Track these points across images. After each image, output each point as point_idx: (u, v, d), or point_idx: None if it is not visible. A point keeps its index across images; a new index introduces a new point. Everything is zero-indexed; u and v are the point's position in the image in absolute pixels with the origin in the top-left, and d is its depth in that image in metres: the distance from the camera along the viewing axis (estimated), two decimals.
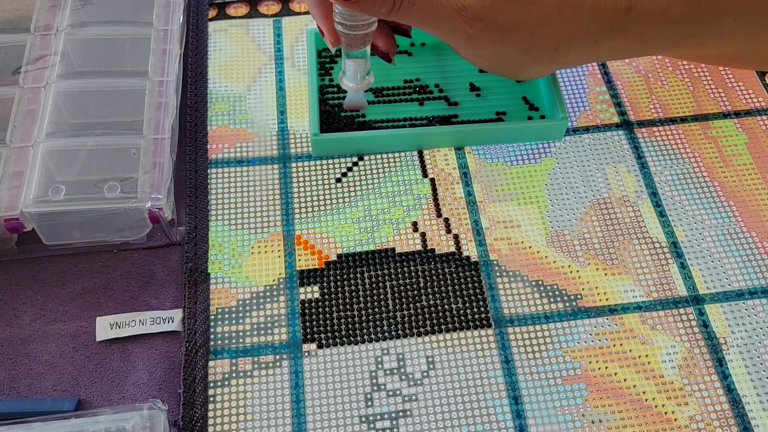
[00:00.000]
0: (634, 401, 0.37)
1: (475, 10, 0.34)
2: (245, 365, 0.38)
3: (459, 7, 0.34)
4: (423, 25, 0.36)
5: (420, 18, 0.35)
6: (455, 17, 0.35)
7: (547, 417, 0.36)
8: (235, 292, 0.41)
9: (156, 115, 0.44)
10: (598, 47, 0.37)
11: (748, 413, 0.36)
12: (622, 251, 0.42)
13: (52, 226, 0.40)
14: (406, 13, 0.35)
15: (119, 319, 0.39)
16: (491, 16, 0.34)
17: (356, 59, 0.40)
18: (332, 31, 0.39)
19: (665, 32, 0.36)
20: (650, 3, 0.35)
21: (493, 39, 0.35)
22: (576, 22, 0.35)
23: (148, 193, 0.40)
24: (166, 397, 0.37)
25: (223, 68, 0.50)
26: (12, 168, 0.41)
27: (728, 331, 0.39)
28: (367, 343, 0.39)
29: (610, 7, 0.35)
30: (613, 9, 0.35)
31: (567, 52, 0.37)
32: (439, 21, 0.35)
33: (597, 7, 0.35)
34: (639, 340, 0.39)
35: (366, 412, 0.37)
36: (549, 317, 0.40)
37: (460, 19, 0.35)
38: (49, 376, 0.38)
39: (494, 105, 0.48)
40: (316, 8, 0.39)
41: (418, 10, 0.35)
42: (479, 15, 0.34)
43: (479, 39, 0.35)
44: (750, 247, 0.42)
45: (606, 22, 0.35)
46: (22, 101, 0.43)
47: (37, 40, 0.47)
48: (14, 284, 0.41)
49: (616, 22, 0.35)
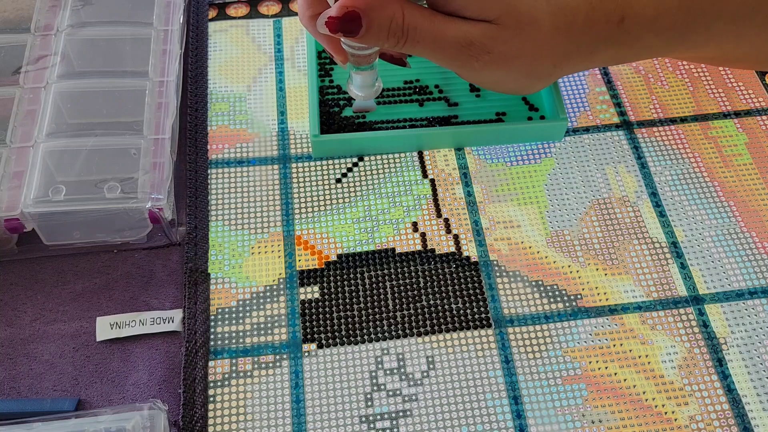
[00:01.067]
0: (634, 401, 0.37)
1: (482, 44, 0.34)
2: (245, 365, 0.38)
3: (465, 43, 0.34)
4: (429, 58, 0.36)
5: (425, 52, 0.35)
6: (462, 51, 0.34)
7: (547, 417, 0.36)
8: (235, 292, 0.41)
9: (156, 116, 0.44)
10: (592, 58, 0.37)
11: (748, 413, 0.36)
12: (622, 251, 0.42)
13: (53, 227, 0.40)
14: (412, 47, 0.35)
15: (119, 319, 0.39)
16: (498, 48, 0.34)
17: (364, 71, 0.40)
18: (340, 51, 0.39)
19: (657, 39, 0.36)
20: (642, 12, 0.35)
21: (498, 67, 0.36)
22: (571, 37, 0.35)
23: (149, 194, 0.40)
24: (166, 397, 0.37)
25: (223, 68, 0.50)
26: (12, 168, 0.41)
27: (728, 331, 0.39)
28: (367, 343, 0.39)
29: (602, 19, 0.35)
30: (605, 20, 0.35)
31: (564, 67, 0.37)
32: (444, 55, 0.35)
33: (590, 20, 0.35)
34: (639, 340, 0.39)
35: (366, 412, 0.37)
36: (549, 317, 0.40)
37: (466, 54, 0.35)
38: (49, 376, 0.38)
39: (494, 106, 0.48)
40: (320, 37, 0.39)
41: (423, 45, 0.35)
42: (486, 48, 0.34)
43: (486, 69, 0.36)
44: (750, 247, 0.42)
45: (599, 34, 0.36)
46: (23, 101, 0.43)
47: (37, 40, 0.47)
48: (14, 284, 0.41)
49: (609, 33, 0.35)
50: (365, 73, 0.39)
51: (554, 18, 0.35)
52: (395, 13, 0.33)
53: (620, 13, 0.35)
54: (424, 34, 0.34)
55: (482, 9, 0.34)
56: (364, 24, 0.33)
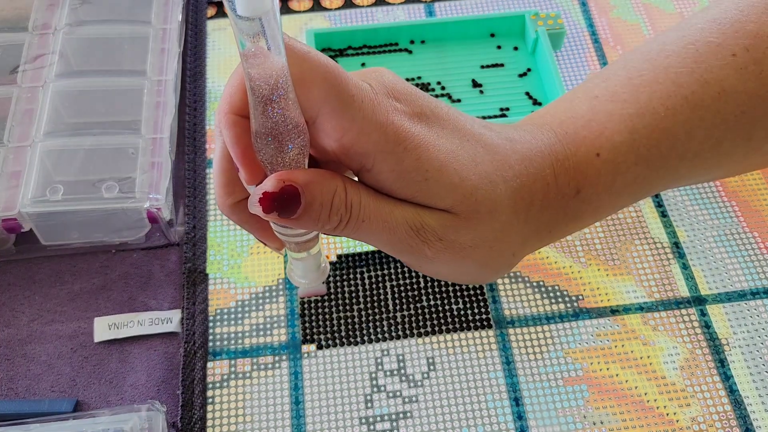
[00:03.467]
0: (636, 402, 0.37)
1: (435, 229, 0.30)
2: (244, 366, 0.38)
3: (417, 227, 0.29)
4: (375, 243, 0.31)
5: (371, 236, 0.30)
6: (412, 236, 0.30)
7: (548, 418, 0.36)
8: (234, 292, 0.40)
9: (154, 115, 0.43)
10: (551, 236, 0.33)
11: (750, 414, 0.36)
12: (623, 252, 0.42)
13: (50, 226, 0.40)
14: (355, 231, 0.29)
15: (117, 319, 0.39)
16: (452, 236, 0.30)
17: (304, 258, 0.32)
18: (273, 237, 0.31)
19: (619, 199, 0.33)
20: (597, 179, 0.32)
21: (452, 258, 0.31)
22: (529, 221, 0.31)
23: (147, 193, 0.40)
24: (164, 399, 0.37)
25: (222, 67, 0.50)
26: (10, 168, 0.40)
27: (730, 331, 0.39)
28: (367, 344, 0.39)
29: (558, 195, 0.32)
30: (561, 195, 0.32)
31: (522, 253, 0.33)
32: (393, 240, 0.30)
33: (546, 199, 0.31)
34: (641, 341, 0.38)
35: (366, 414, 0.36)
36: (550, 318, 0.39)
37: (417, 239, 0.30)
38: (47, 377, 0.38)
39: (497, 101, 0.48)
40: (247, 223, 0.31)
41: (369, 228, 0.29)
42: (439, 235, 0.30)
43: (438, 258, 0.31)
44: (752, 248, 0.42)
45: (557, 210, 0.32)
46: (20, 101, 0.43)
47: (35, 39, 0.46)
48: (12, 285, 0.41)
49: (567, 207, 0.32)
50: (307, 260, 0.32)
51: (513, 202, 0.31)
52: (338, 188, 0.28)
53: (575, 185, 0.31)
54: (370, 212, 0.29)
55: (430, 200, 0.29)
56: (303, 201, 0.27)
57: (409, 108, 0.29)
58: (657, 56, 0.32)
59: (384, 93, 0.28)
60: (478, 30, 0.50)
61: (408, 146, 0.28)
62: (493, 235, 0.31)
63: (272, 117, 0.25)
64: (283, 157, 0.26)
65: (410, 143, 0.28)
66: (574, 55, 0.51)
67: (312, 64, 0.26)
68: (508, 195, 0.30)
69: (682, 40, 0.32)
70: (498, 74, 0.49)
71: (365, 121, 0.27)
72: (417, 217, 0.29)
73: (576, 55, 0.51)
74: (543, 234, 0.33)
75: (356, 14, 0.53)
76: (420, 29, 0.50)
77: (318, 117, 0.27)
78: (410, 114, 0.29)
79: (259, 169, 0.27)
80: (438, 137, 0.29)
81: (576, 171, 0.31)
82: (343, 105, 0.27)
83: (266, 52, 0.24)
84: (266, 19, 0.23)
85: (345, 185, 0.28)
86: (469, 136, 0.30)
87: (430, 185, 0.29)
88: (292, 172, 0.27)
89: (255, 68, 0.24)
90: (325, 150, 0.28)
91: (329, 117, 0.27)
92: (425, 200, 0.29)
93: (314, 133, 0.28)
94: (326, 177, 0.28)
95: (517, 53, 0.50)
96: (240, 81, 0.27)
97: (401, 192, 0.29)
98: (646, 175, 0.32)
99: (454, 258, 0.31)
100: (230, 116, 0.27)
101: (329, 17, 0.53)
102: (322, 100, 0.26)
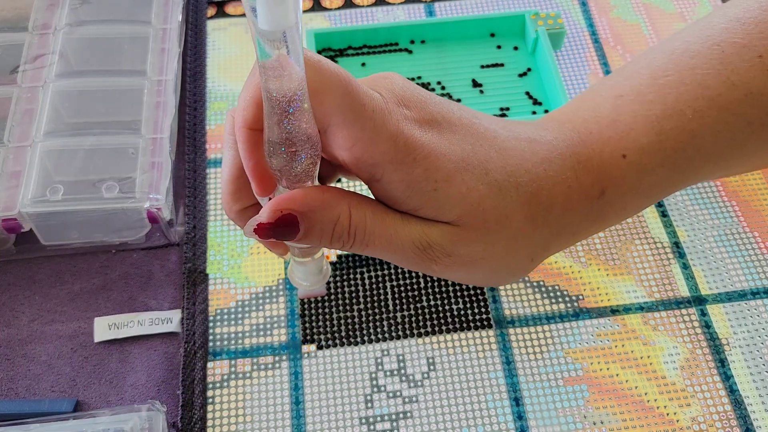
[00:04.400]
0: (636, 402, 0.37)
1: (442, 246, 0.29)
2: (244, 366, 0.38)
3: (423, 246, 0.29)
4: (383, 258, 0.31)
5: (377, 254, 0.30)
6: (419, 255, 0.29)
7: (548, 418, 0.36)
8: (234, 292, 0.40)
9: (154, 115, 0.43)
10: (574, 239, 0.33)
11: (750, 414, 0.36)
12: (623, 251, 0.42)
13: (50, 226, 0.40)
14: (362, 249, 0.29)
15: (117, 319, 0.39)
16: (461, 250, 0.29)
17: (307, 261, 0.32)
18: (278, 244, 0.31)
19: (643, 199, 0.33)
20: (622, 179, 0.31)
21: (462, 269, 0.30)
22: (549, 226, 0.31)
23: (147, 193, 0.40)
24: (164, 399, 0.37)
25: (222, 67, 0.50)
26: (10, 168, 0.40)
27: (730, 331, 0.39)
28: (367, 344, 0.39)
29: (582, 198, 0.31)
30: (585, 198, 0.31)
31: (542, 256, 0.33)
32: (400, 258, 0.30)
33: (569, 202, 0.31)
34: (641, 341, 0.38)
35: (366, 414, 0.36)
36: (550, 318, 0.39)
37: (425, 257, 0.29)
38: (47, 377, 0.38)
39: (497, 101, 0.48)
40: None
41: (374, 248, 0.29)
42: (447, 251, 0.29)
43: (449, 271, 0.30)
44: (752, 248, 0.42)
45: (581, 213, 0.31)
46: (20, 101, 0.43)
47: (35, 39, 0.46)
48: (12, 285, 0.41)
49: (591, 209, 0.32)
50: (309, 264, 0.32)
51: (527, 209, 0.30)
52: (341, 214, 0.28)
53: (600, 186, 0.31)
54: (375, 237, 0.29)
55: (438, 211, 0.28)
56: (302, 228, 0.27)
57: (419, 115, 0.28)
58: (682, 56, 0.32)
59: (394, 102, 0.28)
60: (478, 30, 0.50)
61: (417, 156, 0.28)
62: (504, 244, 0.30)
63: (287, 128, 0.25)
64: (294, 166, 0.26)
65: (420, 153, 0.28)
66: (574, 55, 0.51)
67: (325, 75, 0.26)
68: (520, 202, 0.30)
69: (708, 40, 0.32)
70: (498, 74, 0.49)
71: (375, 131, 0.27)
72: (423, 236, 0.29)
73: (576, 55, 0.51)
74: (566, 236, 0.32)
75: (356, 14, 0.53)
76: (420, 29, 0.50)
77: (329, 127, 0.27)
78: (420, 121, 0.28)
79: (270, 182, 0.27)
80: (449, 144, 0.28)
81: (600, 172, 0.31)
82: (354, 115, 0.26)
83: (287, 64, 0.23)
84: (290, 33, 0.22)
85: (350, 210, 0.28)
86: (483, 139, 0.29)
87: (439, 195, 0.28)
88: (291, 199, 0.27)
89: (274, 80, 0.24)
90: (336, 159, 0.28)
91: (340, 127, 0.26)
92: (433, 212, 0.29)
93: (325, 142, 0.27)
94: (329, 204, 0.27)
95: (517, 53, 0.50)
96: (254, 94, 0.27)
97: (410, 202, 0.29)
98: (671, 176, 0.32)
99: (466, 269, 0.30)
100: (244, 130, 0.27)
101: (329, 17, 0.53)
102: (334, 110, 0.26)
